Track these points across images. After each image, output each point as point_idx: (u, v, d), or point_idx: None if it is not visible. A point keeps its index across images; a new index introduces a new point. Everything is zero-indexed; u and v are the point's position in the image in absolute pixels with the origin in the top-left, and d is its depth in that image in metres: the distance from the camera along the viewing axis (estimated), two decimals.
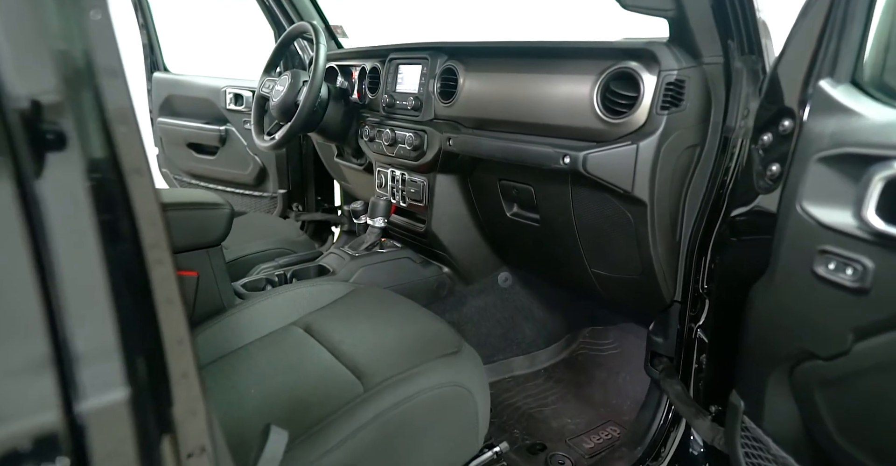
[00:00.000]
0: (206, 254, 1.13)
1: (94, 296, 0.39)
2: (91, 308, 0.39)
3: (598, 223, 1.11)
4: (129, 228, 0.45)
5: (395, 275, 1.46)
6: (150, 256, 0.47)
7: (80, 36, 0.40)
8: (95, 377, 0.38)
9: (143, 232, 0.46)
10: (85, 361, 0.38)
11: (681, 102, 0.92)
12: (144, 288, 0.47)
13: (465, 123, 1.31)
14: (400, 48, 1.50)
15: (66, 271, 0.38)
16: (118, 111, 0.43)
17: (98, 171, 0.42)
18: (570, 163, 1.01)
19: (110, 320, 0.40)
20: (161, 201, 0.47)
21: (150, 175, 0.46)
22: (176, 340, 0.50)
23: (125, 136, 0.44)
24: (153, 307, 0.47)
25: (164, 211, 0.47)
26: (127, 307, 0.43)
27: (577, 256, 1.21)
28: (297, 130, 1.51)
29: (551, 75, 1.09)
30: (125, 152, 0.44)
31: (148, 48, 2.40)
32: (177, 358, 0.50)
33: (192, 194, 1.18)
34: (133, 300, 0.45)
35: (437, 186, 1.42)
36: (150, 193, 0.46)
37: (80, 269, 0.39)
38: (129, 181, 0.45)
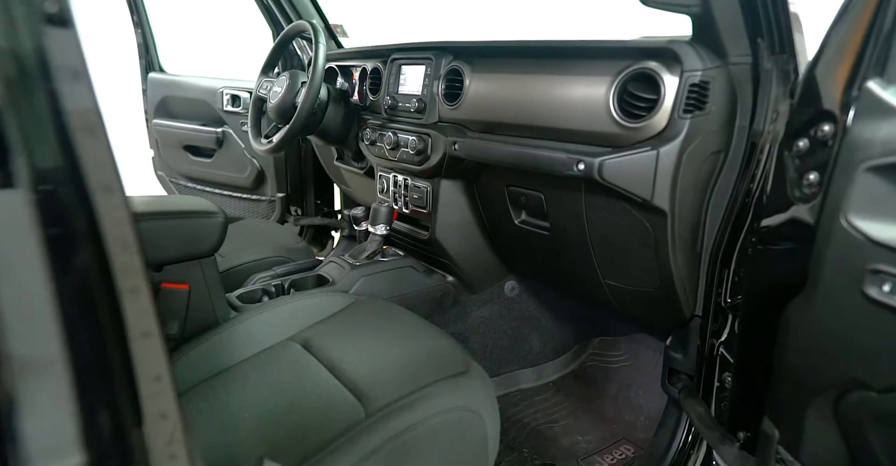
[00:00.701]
0: (198, 265, 1.07)
1: (41, 338, 0.33)
2: (38, 351, 0.33)
3: (612, 233, 1.05)
4: (93, 252, 0.39)
5: (397, 285, 1.40)
6: (122, 284, 0.41)
7: (28, 31, 0.33)
8: (42, 440, 0.32)
9: (113, 258, 0.40)
10: (29, 421, 0.32)
11: (705, 104, 0.86)
12: (115, 322, 0.41)
13: (471, 127, 1.25)
14: (402, 48, 1.44)
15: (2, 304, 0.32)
16: (81, 119, 0.37)
17: (50, 183, 0.36)
18: (585, 170, 0.95)
19: (63, 365, 0.34)
20: (135, 224, 0.41)
21: (121, 193, 0.40)
22: (153, 377, 0.44)
23: (90, 147, 0.38)
24: (126, 343, 0.41)
25: (138, 236, 0.41)
26: (88, 347, 0.37)
27: (589, 266, 1.15)
28: (296, 132, 1.45)
29: (563, 77, 1.03)
30: (91, 166, 0.38)
31: (143, 48, 2.34)
32: (153, 398, 0.43)
33: (184, 201, 1.12)
34: (97, 338, 0.39)
35: (441, 191, 1.36)
36: (122, 212, 0.40)
37: (19, 300, 0.33)
38: (97, 200, 0.39)
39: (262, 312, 1.11)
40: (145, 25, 2.30)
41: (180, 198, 1.11)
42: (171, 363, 0.44)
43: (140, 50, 2.35)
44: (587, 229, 1.09)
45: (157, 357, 0.43)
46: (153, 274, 1.02)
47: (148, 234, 1.01)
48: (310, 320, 1.11)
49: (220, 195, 2.41)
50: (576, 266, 1.21)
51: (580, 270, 1.20)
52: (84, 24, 0.37)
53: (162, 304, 1.02)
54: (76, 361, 0.35)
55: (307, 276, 1.39)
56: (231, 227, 1.72)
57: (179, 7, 3.92)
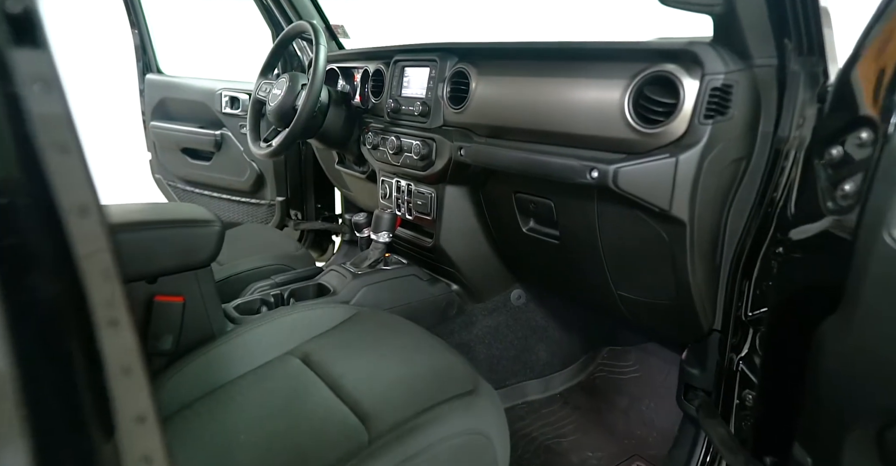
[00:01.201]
0: (194, 276, 1.03)
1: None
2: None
3: (626, 243, 1.01)
4: (66, 283, 0.35)
5: (400, 294, 1.35)
6: (100, 316, 0.36)
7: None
8: None
9: (90, 287, 0.36)
10: None
11: (727, 109, 0.81)
12: (89, 359, 0.36)
13: (477, 131, 1.20)
14: (406, 49, 1.39)
15: None
16: (51, 134, 0.33)
17: (9, 201, 0.31)
18: (599, 177, 0.90)
19: (15, 414, 0.29)
20: (116, 248, 0.37)
21: (99, 214, 0.36)
22: (135, 418, 0.39)
23: (60, 164, 0.34)
24: (103, 381, 0.37)
25: (119, 262, 0.37)
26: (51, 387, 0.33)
27: (600, 277, 1.10)
28: (296, 136, 1.41)
29: (575, 79, 0.98)
30: (62, 185, 0.34)
31: (140, 49, 2.30)
32: (136, 441, 0.39)
33: (179, 208, 1.07)
34: (65, 377, 0.34)
35: (446, 198, 1.32)
36: (100, 236, 0.36)
37: None
38: (70, 223, 0.34)
39: (261, 324, 1.07)
40: (142, 26, 2.26)
41: (175, 206, 1.07)
42: (158, 401, 0.39)
43: (137, 51, 2.31)
44: (599, 238, 1.04)
45: (139, 396, 0.39)
46: (146, 286, 0.98)
47: (141, 244, 0.96)
48: (310, 332, 1.07)
49: (218, 199, 2.37)
50: (586, 276, 1.16)
51: (591, 280, 1.15)
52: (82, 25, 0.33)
53: (155, 318, 0.98)
54: (35, 406, 0.31)
55: (307, 285, 1.34)
56: (229, 233, 1.67)
57: (178, 7, 3.87)
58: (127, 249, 0.95)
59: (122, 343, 0.37)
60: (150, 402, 0.38)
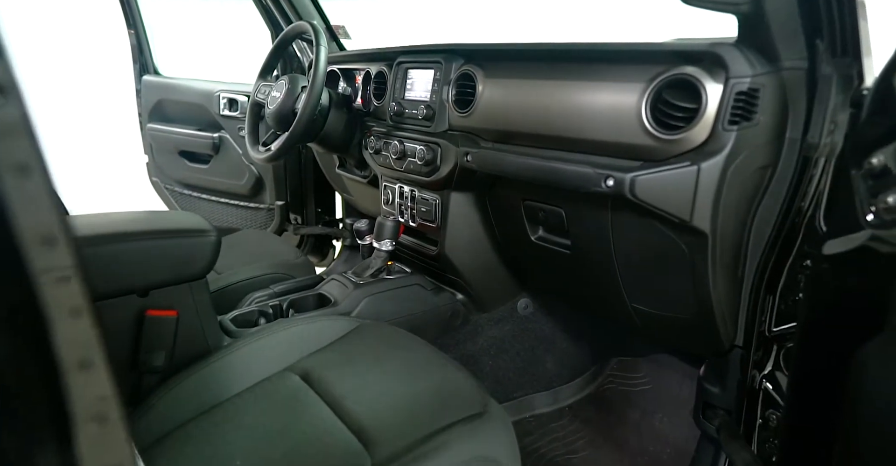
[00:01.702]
0: (188, 289, 0.98)
1: None
2: None
3: (642, 254, 0.96)
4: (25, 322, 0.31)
5: (403, 305, 1.31)
6: (67, 358, 0.32)
7: None
8: None
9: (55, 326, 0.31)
10: None
11: (753, 115, 0.76)
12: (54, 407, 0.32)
13: (484, 136, 1.15)
14: (409, 50, 1.35)
15: None
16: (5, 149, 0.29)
17: None
18: (615, 186, 0.86)
19: None
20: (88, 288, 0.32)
21: (67, 245, 0.31)
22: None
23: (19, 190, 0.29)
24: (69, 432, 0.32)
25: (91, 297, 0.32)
26: None
27: (614, 289, 1.05)
28: (296, 140, 1.36)
29: (589, 83, 0.94)
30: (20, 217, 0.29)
31: (137, 49, 2.25)
32: None
33: (172, 217, 1.03)
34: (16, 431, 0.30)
35: (451, 204, 1.27)
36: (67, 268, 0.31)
37: None
38: (30, 257, 0.30)
39: (258, 338, 1.02)
40: (139, 26, 2.21)
41: (168, 214, 1.02)
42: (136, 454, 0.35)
43: (134, 52, 2.26)
44: (613, 248, 1.00)
45: (116, 448, 0.34)
46: (137, 300, 0.93)
47: (132, 256, 0.92)
48: (309, 347, 1.02)
49: (216, 203, 2.32)
50: (598, 288, 1.12)
51: (603, 291, 1.10)
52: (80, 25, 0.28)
53: (147, 333, 0.93)
54: None
55: (307, 295, 1.29)
56: (226, 239, 1.63)
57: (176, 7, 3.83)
58: (117, 261, 0.90)
59: (97, 389, 0.32)
60: (129, 450, 0.34)
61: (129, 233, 0.92)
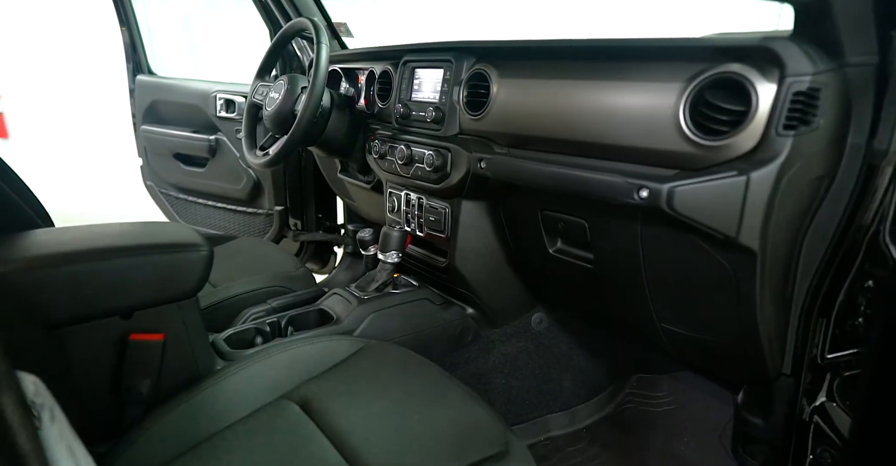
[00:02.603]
0: (176, 309, 0.89)
1: None
2: None
3: (676, 272, 0.87)
4: None
5: (411, 321, 1.22)
6: None
7: None
8: None
9: None
10: None
11: (812, 118, 0.67)
12: None
13: (498, 141, 1.07)
14: (416, 49, 1.26)
15: None
16: None
17: None
18: (649, 198, 0.77)
19: None
20: None
21: None
22: None
23: None
24: None
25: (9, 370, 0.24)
26: None
27: (642, 308, 0.96)
28: (295, 144, 1.28)
29: (618, 83, 0.85)
30: None
31: (130, 48, 2.17)
32: None
33: (160, 230, 0.94)
34: None
35: (462, 213, 1.18)
36: None
37: None
38: None
39: (254, 362, 0.93)
40: (132, 24, 2.13)
41: (155, 227, 0.93)
42: None
43: (127, 51, 2.18)
44: (642, 264, 0.91)
45: None
46: (120, 323, 0.84)
47: (114, 274, 0.83)
48: (309, 371, 0.93)
49: (213, 208, 2.24)
50: (623, 306, 1.03)
51: (628, 310, 1.02)
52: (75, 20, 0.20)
53: (130, 359, 0.84)
54: None
55: (308, 311, 1.20)
56: (222, 249, 1.54)
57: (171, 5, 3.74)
58: (97, 280, 0.82)
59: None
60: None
61: (110, 249, 0.84)
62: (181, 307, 0.90)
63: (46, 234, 0.84)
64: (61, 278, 0.78)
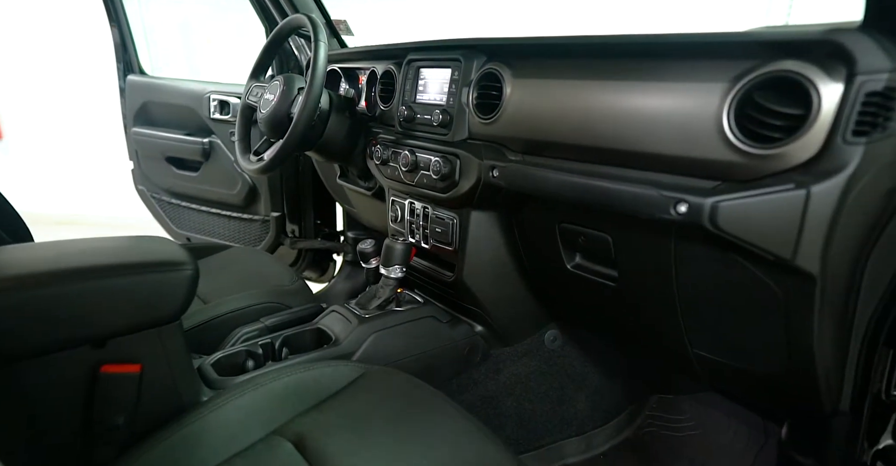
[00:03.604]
0: (156, 335, 0.80)
1: None
2: None
3: (716, 295, 0.78)
4: None
5: (416, 341, 1.12)
6: None
7: None
8: None
9: None
10: None
11: (889, 122, 0.58)
12: None
13: (511, 147, 0.97)
14: (422, 47, 1.17)
15: None
16: None
17: None
18: (689, 213, 0.68)
19: None
20: None
21: None
22: None
23: None
24: None
25: None
26: None
27: (672, 333, 0.87)
28: (292, 148, 1.19)
29: (650, 83, 0.76)
30: None
31: (120, 47, 2.08)
32: None
33: (140, 246, 0.85)
34: None
35: (471, 225, 1.09)
36: None
37: None
38: None
39: (243, 392, 0.84)
40: (123, 22, 2.04)
41: (135, 243, 0.84)
42: None
43: (117, 50, 2.09)
44: (675, 286, 0.82)
45: None
46: (91, 352, 0.75)
47: (85, 298, 0.74)
48: (304, 402, 0.84)
49: (207, 213, 2.15)
50: (650, 329, 0.94)
51: (657, 334, 0.93)
52: None
53: (101, 395, 0.75)
54: None
55: (304, 330, 1.11)
56: (213, 260, 1.45)
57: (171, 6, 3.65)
58: (66, 304, 0.72)
59: None
60: None
61: (80, 270, 0.74)
62: (162, 333, 0.81)
63: (6, 253, 0.75)
64: (22, 305, 0.68)
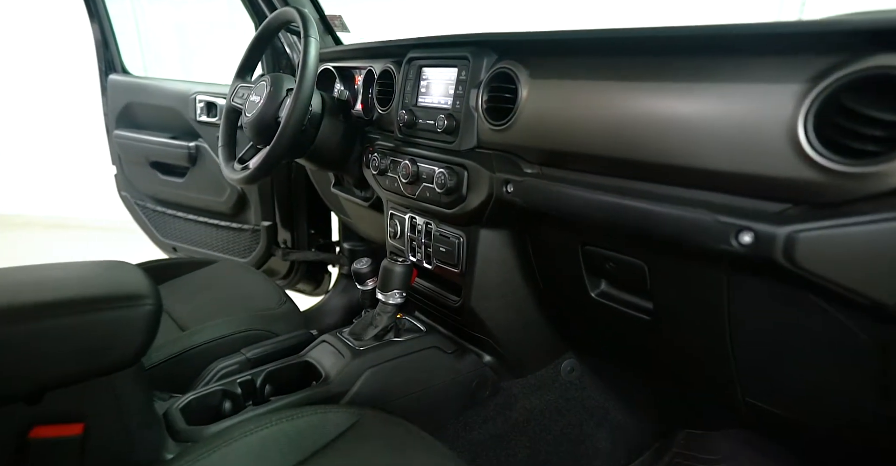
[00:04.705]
0: (106, 385, 0.67)
1: None
2: None
3: (784, 341, 0.65)
4: None
5: (417, 376, 0.99)
6: None
7: None
8: None
9: None
10: None
11: None
12: None
13: (527, 157, 0.85)
14: (424, 43, 1.04)
15: None
16: None
17: None
18: (756, 245, 0.55)
19: None
20: None
21: None
22: None
23: None
24: None
25: None
26: None
27: (720, 376, 0.74)
28: (279, 156, 1.06)
29: (700, 84, 0.63)
30: None
31: (101, 44, 1.95)
32: None
33: (92, 277, 0.71)
34: None
35: (480, 245, 0.96)
36: None
37: None
38: None
39: (215, 449, 0.71)
40: (103, 18, 1.90)
41: (85, 272, 0.71)
42: None
43: (98, 47, 1.96)
44: (728, 325, 0.69)
45: None
46: (24, 410, 0.62)
47: (18, 343, 0.61)
48: (289, 458, 0.71)
49: (194, 222, 2.02)
50: (692, 371, 0.81)
51: (699, 376, 0.80)
52: None
53: (32, 463, 0.62)
54: None
55: (290, 364, 0.98)
56: (194, 277, 1.32)
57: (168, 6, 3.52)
58: None
59: None
60: None
61: (11, 309, 0.61)
62: (114, 381, 0.68)
63: None
64: None
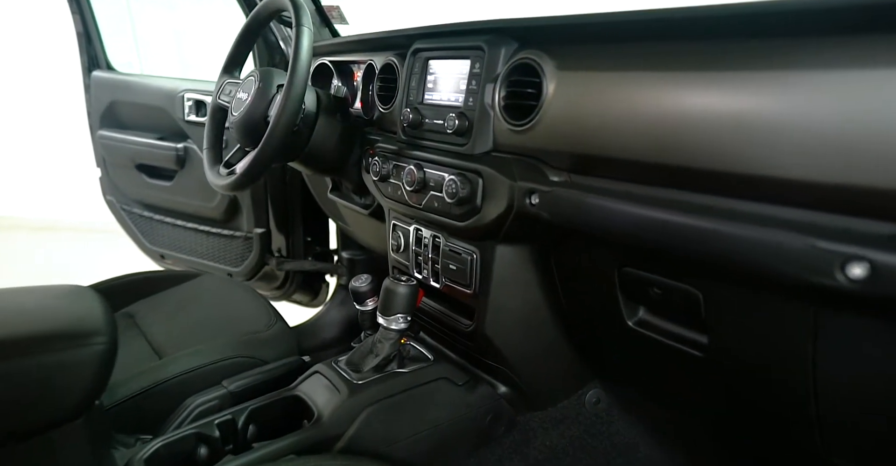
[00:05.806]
0: (45, 444, 0.54)
1: None
2: None
3: (886, 395, 0.52)
4: None
5: (424, 413, 0.87)
6: None
7: None
8: None
9: None
10: None
11: None
12: None
13: (553, 163, 0.72)
14: (432, 32, 0.92)
15: None
16: None
17: None
18: (871, 280, 0.43)
19: None
20: None
21: None
22: None
23: None
24: None
25: None
26: None
27: (795, 430, 0.62)
28: (269, 159, 0.94)
29: (780, 73, 0.50)
30: None
31: (84, 38, 1.83)
32: None
33: (34, 309, 0.59)
34: None
35: (496, 263, 0.83)
36: None
37: None
38: None
39: None
40: (86, 10, 1.78)
41: (29, 301, 0.58)
42: None
43: (80, 42, 1.84)
44: (812, 373, 0.56)
45: None
46: None
47: None
48: None
49: (183, 228, 1.90)
50: (756, 417, 0.68)
51: (766, 427, 0.67)
52: None
53: None
54: None
55: (277, 399, 0.85)
56: (175, 293, 1.19)
57: None
58: None
59: None
60: None
61: None
62: (56, 439, 0.55)
63: None
64: None
